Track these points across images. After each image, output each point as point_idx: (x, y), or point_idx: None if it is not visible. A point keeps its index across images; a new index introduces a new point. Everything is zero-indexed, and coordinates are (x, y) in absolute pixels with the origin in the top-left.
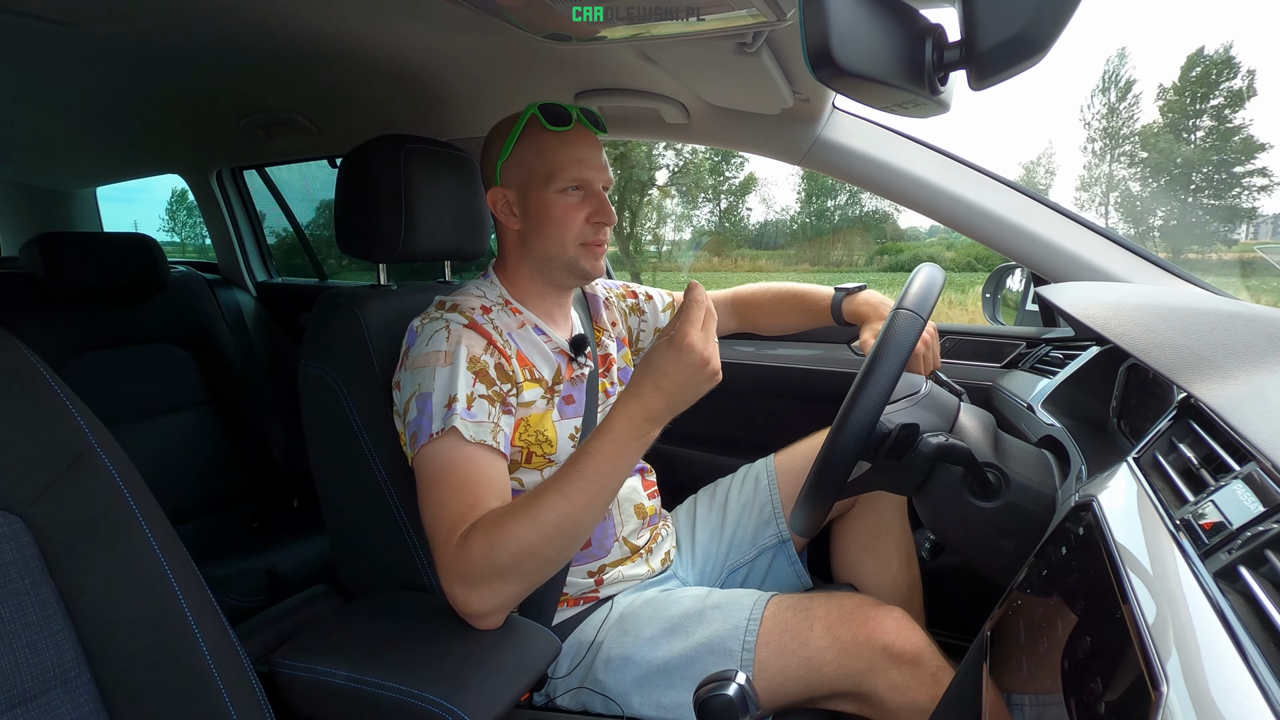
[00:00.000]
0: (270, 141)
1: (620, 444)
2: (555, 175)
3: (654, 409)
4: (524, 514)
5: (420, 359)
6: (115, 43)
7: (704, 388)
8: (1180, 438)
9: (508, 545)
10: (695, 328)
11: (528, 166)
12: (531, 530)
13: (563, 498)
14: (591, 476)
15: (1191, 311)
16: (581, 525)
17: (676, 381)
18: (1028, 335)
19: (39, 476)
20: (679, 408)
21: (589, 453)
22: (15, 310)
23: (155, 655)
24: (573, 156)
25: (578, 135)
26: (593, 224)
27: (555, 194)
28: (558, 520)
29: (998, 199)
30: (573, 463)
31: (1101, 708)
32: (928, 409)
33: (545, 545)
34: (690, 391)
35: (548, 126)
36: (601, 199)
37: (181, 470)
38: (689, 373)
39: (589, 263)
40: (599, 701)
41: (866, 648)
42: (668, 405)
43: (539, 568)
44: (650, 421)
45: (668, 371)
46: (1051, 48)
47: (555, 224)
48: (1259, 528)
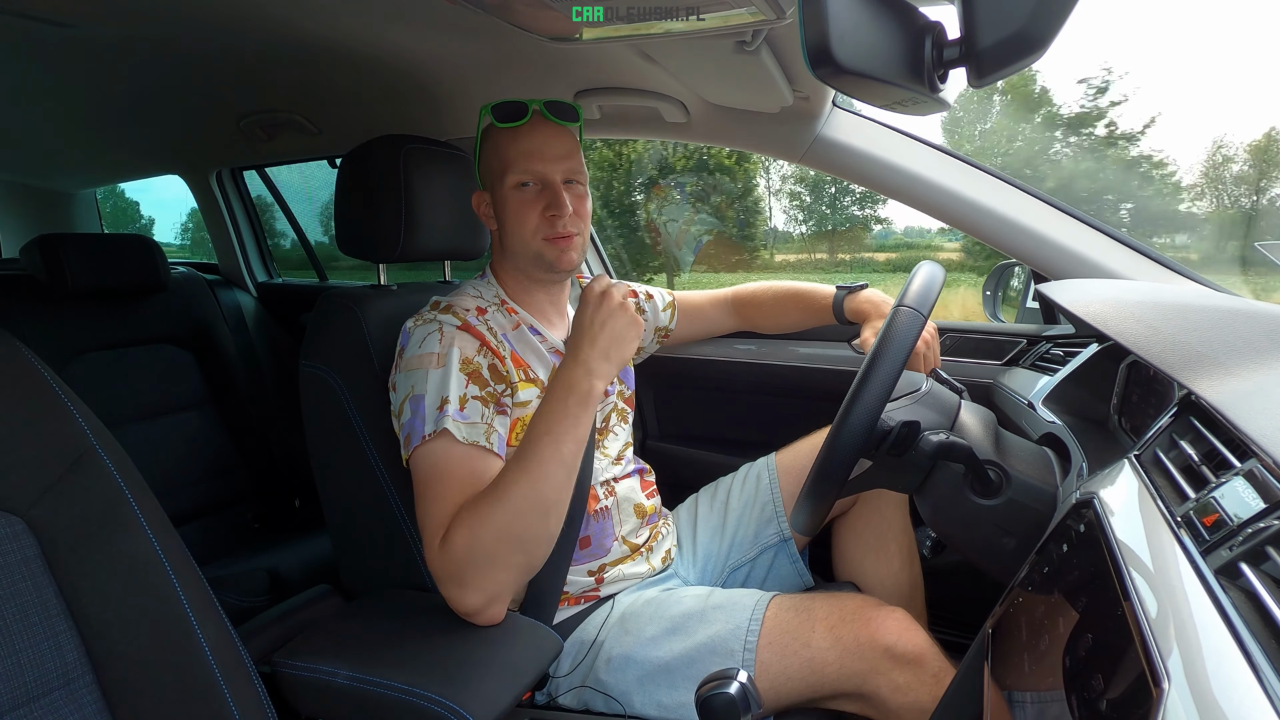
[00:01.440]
0: (270, 142)
1: (566, 405)
2: (507, 171)
3: (588, 360)
4: (492, 497)
5: (413, 361)
6: (115, 44)
7: (630, 331)
8: (1181, 434)
9: (485, 531)
10: (604, 278)
11: (487, 166)
12: (502, 510)
13: (524, 472)
14: (546, 444)
15: (1192, 308)
16: (548, 495)
17: (604, 327)
18: (1028, 333)
19: (41, 478)
20: (615, 357)
21: (539, 424)
22: (16, 312)
23: (157, 655)
24: (522, 150)
25: (530, 129)
26: (547, 218)
27: (510, 190)
28: (523, 494)
29: (998, 196)
30: (526, 439)
31: (1103, 705)
32: (929, 407)
33: (518, 521)
34: (619, 337)
35: (496, 124)
36: (555, 191)
37: (183, 471)
38: (611, 316)
39: (554, 255)
40: (600, 700)
41: (868, 648)
42: (602, 353)
43: (520, 548)
44: (590, 375)
45: (594, 321)
46: (1051, 45)
47: (514, 220)
48: (1260, 524)
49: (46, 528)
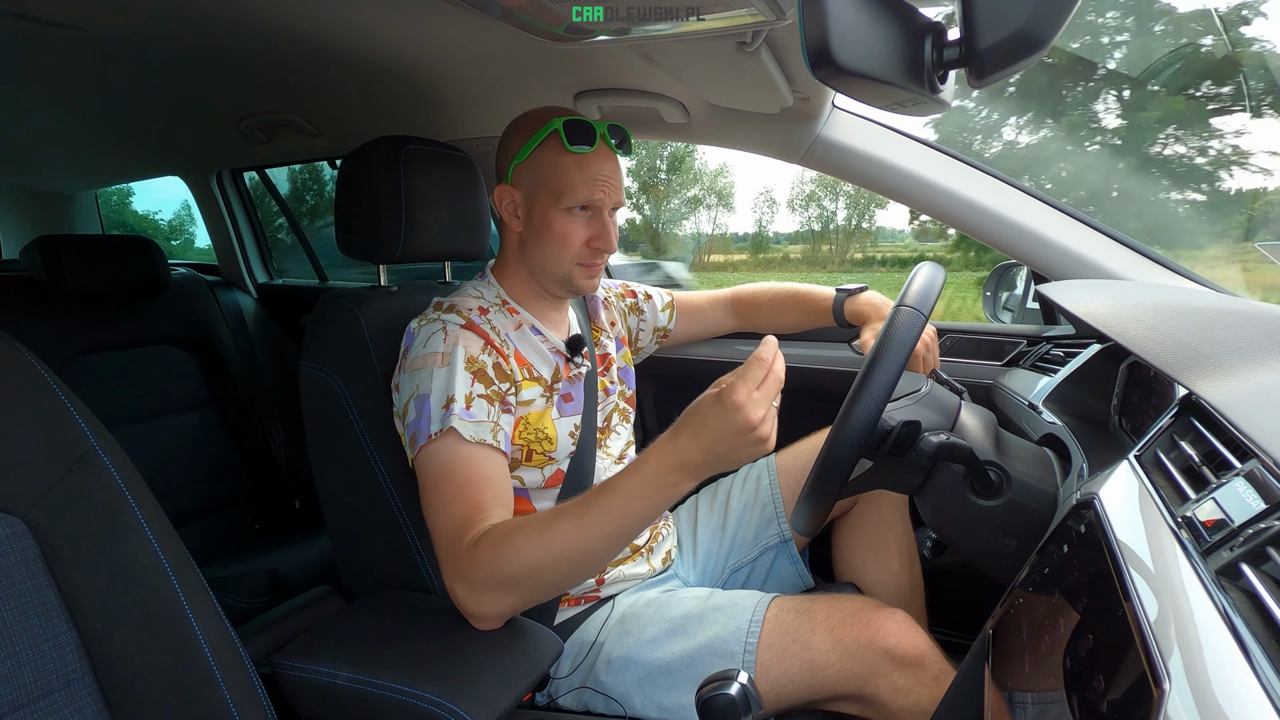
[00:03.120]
0: (270, 143)
1: (647, 486)
2: (565, 194)
3: (687, 459)
4: (536, 533)
5: (418, 360)
6: (115, 45)
7: (746, 453)
8: (1181, 435)
9: (514, 560)
10: (748, 387)
11: (540, 178)
12: (540, 550)
13: (578, 527)
14: (610, 512)
15: (1192, 309)
16: (591, 557)
17: (715, 437)
18: (1028, 333)
19: (40, 479)
20: (716, 466)
21: (613, 488)
22: (16, 313)
23: (157, 657)
24: (588, 177)
25: (597, 156)
26: (593, 248)
27: (561, 211)
28: (568, 548)
29: (998, 196)
30: (595, 494)
31: (1104, 705)
32: (929, 407)
33: (552, 568)
34: (730, 453)
35: (569, 148)
36: (605, 224)
37: (183, 472)
38: (729, 431)
39: (583, 281)
40: (601, 702)
41: (868, 650)
42: (704, 460)
43: (541, 588)
44: (682, 470)
45: (709, 425)
46: (1050, 44)
47: (555, 240)
48: (1260, 525)
49: (46, 529)
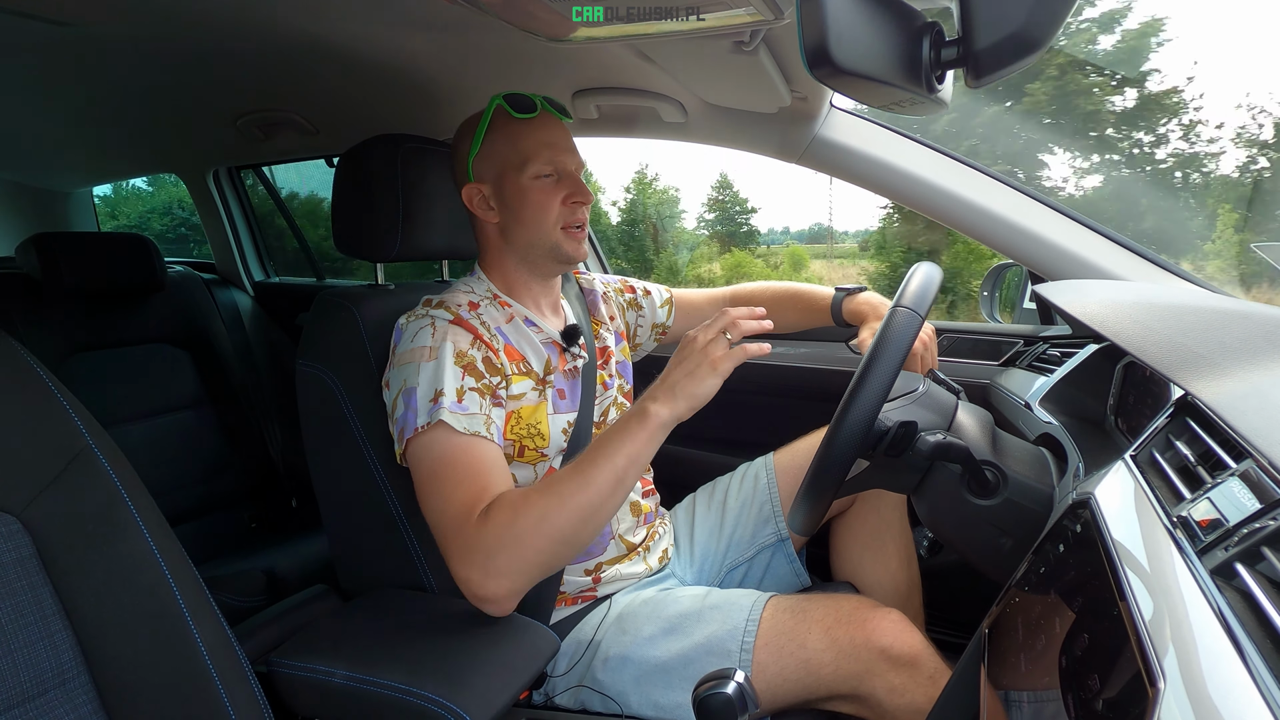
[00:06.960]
0: (267, 141)
1: (624, 421)
2: (529, 161)
3: (653, 391)
4: (547, 491)
5: (405, 355)
6: (112, 42)
7: (706, 376)
8: (1177, 435)
9: (530, 515)
10: (706, 328)
11: (500, 157)
12: (554, 504)
13: (576, 471)
14: (599, 450)
15: (1188, 309)
16: (599, 509)
17: (679, 367)
18: (1025, 333)
19: (36, 477)
20: (679, 392)
21: (600, 439)
22: (11, 311)
23: (153, 656)
24: (544, 141)
25: (545, 121)
26: (570, 204)
27: (530, 180)
28: (572, 491)
29: (995, 196)
30: (589, 451)
31: (1099, 704)
32: (926, 407)
33: (561, 516)
34: (687, 375)
35: (514, 115)
36: (576, 179)
37: (179, 470)
38: (681, 357)
39: (570, 246)
40: (597, 700)
41: (864, 650)
42: (664, 386)
43: (555, 547)
44: (658, 403)
45: (672, 361)
46: (1048, 45)
47: (534, 209)
48: (1255, 524)
49: (42, 527)
